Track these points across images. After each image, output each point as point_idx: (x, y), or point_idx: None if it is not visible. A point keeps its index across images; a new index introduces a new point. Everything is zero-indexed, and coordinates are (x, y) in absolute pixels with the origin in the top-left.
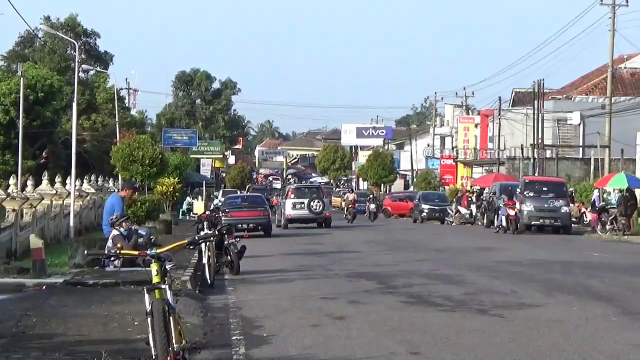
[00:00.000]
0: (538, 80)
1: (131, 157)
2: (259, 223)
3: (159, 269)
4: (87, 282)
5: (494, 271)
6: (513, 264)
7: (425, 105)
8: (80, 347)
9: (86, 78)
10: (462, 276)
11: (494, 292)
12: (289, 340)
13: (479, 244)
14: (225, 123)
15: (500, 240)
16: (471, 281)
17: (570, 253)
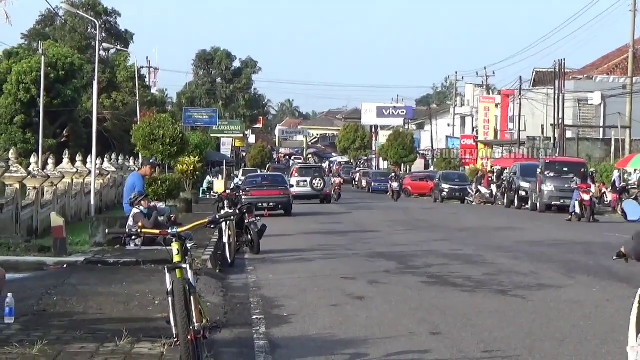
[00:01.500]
0: (559, 60)
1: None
2: (280, 202)
3: (180, 248)
4: (108, 260)
5: (514, 251)
6: (533, 244)
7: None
8: (101, 325)
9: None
10: (482, 256)
11: (514, 273)
12: (308, 319)
13: (499, 224)
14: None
15: (520, 220)
16: (491, 261)
17: (591, 234)
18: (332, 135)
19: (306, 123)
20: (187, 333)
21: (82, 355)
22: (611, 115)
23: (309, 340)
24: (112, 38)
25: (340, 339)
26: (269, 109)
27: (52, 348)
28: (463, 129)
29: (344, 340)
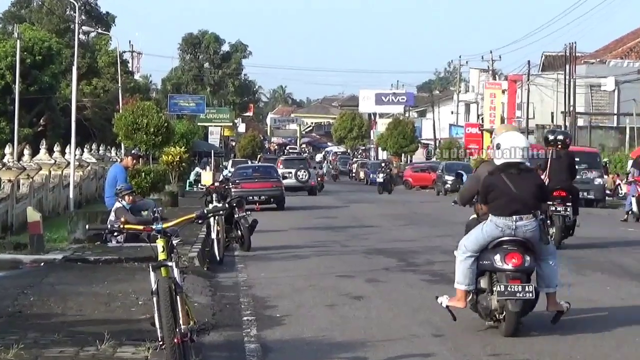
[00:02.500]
0: (570, 44)
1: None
2: (272, 195)
3: (165, 245)
4: (88, 258)
5: None
6: None
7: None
8: (81, 327)
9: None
10: None
11: None
12: (303, 321)
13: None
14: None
15: None
16: None
17: (604, 228)
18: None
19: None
20: (173, 336)
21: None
22: (625, 102)
23: (303, 343)
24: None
25: (337, 342)
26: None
27: (29, 352)
28: (467, 116)
29: (341, 343)
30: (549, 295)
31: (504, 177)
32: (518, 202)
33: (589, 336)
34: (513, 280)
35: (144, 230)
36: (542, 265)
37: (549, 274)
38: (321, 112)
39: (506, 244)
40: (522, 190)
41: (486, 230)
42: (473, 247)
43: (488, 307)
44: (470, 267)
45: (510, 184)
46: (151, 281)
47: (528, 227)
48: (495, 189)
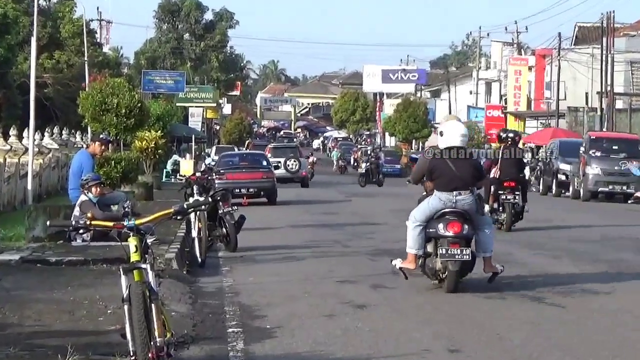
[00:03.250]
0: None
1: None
2: (262, 187)
3: (138, 245)
4: (49, 259)
5: (552, 249)
6: (575, 239)
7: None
8: (40, 340)
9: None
10: (511, 255)
11: (551, 276)
12: (298, 333)
13: (532, 215)
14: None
15: (559, 210)
16: (523, 261)
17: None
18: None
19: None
20: (147, 350)
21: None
22: None
23: (297, 358)
24: None
25: (337, 358)
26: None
27: None
28: (488, 97)
29: (341, 359)
30: (485, 259)
31: (446, 159)
32: (457, 180)
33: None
34: (453, 244)
35: (114, 227)
36: (480, 233)
37: (485, 241)
38: (319, 91)
39: (448, 215)
40: (460, 170)
41: (432, 204)
42: (421, 217)
43: (433, 268)
44: (419, 234)
45: (451, 165)
46: (122, 286)
47: (466, 200)
48: (439, 169)
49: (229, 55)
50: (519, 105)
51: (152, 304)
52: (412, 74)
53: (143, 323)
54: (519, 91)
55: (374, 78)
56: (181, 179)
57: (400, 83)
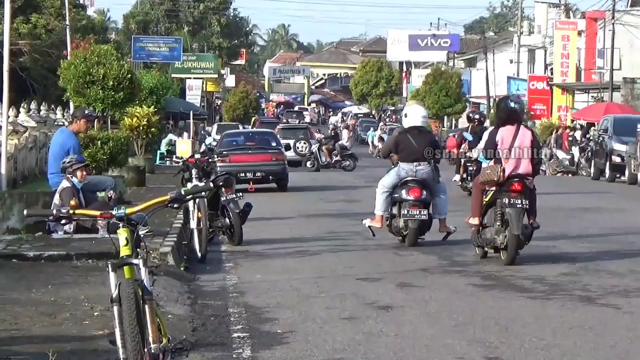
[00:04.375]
0: None
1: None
2: (271, 171)
3: (129, 237)
4: (26, 254)
5: (605, 242)
6: (632, 231)
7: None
8: (17, 346)
9: None
10: (558, 248)
11: (605, 273)
12: (312, 339)
13: (583, 203)
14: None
15: (614, 197)
16: (572, 256)
17: None
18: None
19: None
20: (139, 357)
21: None
22: None
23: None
24: None
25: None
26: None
27: None
28: (531, 67)
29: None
30: (440, 220)
31: (409, 135)
32: (417, 153)
33: None
34: (413, 207)
35: (101, 217)
36: (436, 199)
37: (441, 205)
38: (336, 60)
39: (410, 183)
40: (420, 145)
41: (397, 173)
42: (388, 185)
43: (397, 226)
44: (386, 199)
45: (412, 141)
46: (110, 285)
47: (425, 170)
48: (403, 144)
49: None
50: (567, 76)
51: (146, 305)
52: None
53: (135, 327)
54: (567, 60)
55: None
56: (178, 162)
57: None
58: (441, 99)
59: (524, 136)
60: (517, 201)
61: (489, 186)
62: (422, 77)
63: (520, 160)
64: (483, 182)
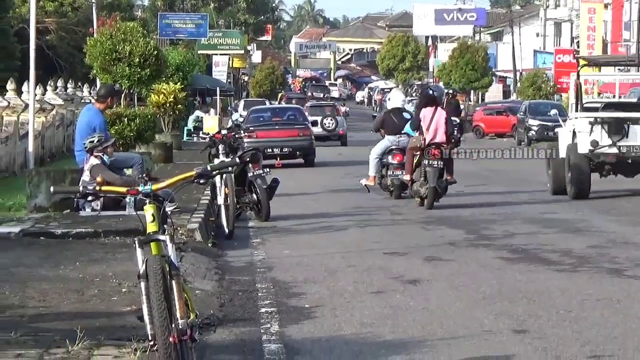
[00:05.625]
0: None
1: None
2: (298, 147)
3: (155, 213)
4: (54, 231)
5: (633, 214)
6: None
7: None
8: (45, 323)
9: None
10: (586, 222)
11: (633, 245)
12: (340, 313)
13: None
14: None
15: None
16: (600, 229)
17: None
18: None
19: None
20: (167, 333)
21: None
22: None
23: (340, 342)
24: None
25: (386, 340)
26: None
27: None
28: (558, 40)
29: (391, 342)
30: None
31: (392, 115)
32: (399, 128)
33: None
34: (397, 169)
35: (128, 193)
36: None
37: None
38: (363, 35)
39: (394, 150)
40: (400, 122)
41: (384, 144)
42: (378, 152)
43: (385, 184)
44: (377, 163)
45: (395, 119)
46: (137, 261)
47: (404, 141)
48: (387, 121)
49: None
50: (593, 49)
51: (173, 281)
52: (469, 14)
53: (163, 303)
54: (593, 32)
55: (426, 19)
56: (204, 138)
57: (456, 25)
58: (467, 73)
59: (440, 115)
60: (434, 162)
61: (415, 151)
62: (448, 52)
63: (437, 132)
64: (411, 148)
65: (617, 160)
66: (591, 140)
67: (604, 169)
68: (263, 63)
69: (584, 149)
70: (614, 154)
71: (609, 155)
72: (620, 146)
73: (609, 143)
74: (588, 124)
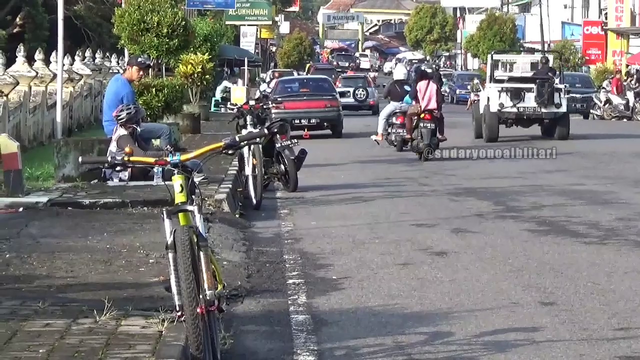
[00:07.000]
0: None
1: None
2: (325, 118)
3: (184, 184)
4: (82, 202)
5: None
6: None
7: None
8: (73, 293)
9: None
10: (614, 194)
11: None
12: (367, 285)
13: (638, 148)
14: None
15: None
16: (627, 201)
17: None
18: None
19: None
20: (195, 304)
21: (47, 336)
22: None
23: (368, 314)
24: None
25: (414, 312)
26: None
27: (5, 326)
28: (586, 11)
29: (418, 314)
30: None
31: (395, 85)
32: (400, 95)
33: None
34: (399, 128)
35: (156, 164)
36: None
37: None
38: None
39: (397, 113)
40: (402, 91)
41: (390, 108)
42: (385, 115)
43: (390, 139)
44: (384, 123)
45: (398, 88)
46: (165, 232)
47: (406, 106)
48: (392, 91)
49: None
50: (622, 20)
51: (201, 252)
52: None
53: (190, 274)
54: (621, 4)
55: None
56: (232, 109)
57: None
58: (495, 44)
59: (432, 87)
60: (427, 124)
61: (413, 116)
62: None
63: (430, 101)
64: (410, 114)
65: (516, 116)
66: (499, 102)
67: (508, 122)
68: (291, 34)
69: (494, 109)
70: (514, 112)
71: (511, 113)
72: (518, 107)
73: (510, 105)
74: (497, 91)
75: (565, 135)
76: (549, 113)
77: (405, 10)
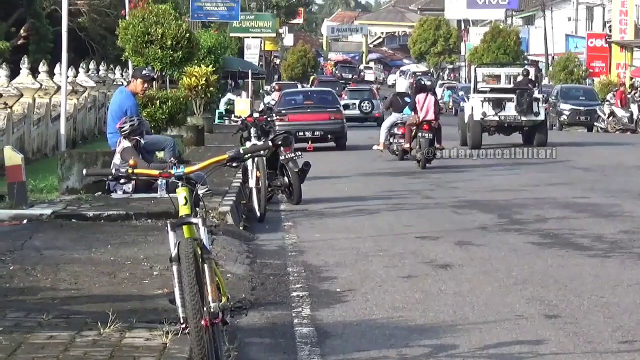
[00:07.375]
0: None
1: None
2: (329, 130)
3: (188, 196)
4: (86, 214)
5: None
6: None
7: None
8: (77, 305)
9: None
10: (618, 206)
11: None
12: (372, 297)
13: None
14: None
15: None
16: (632, 214)
17: None
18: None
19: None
20: (199, 316)
21: (51, 348)
22: None
23: (372, 326)
24: None
25: (417, 324)
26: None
27: (9, 338)
28: (590, 24)
29: (422, 326)
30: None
31: (397, 97)
32: (402, 107)
33: None
34: (400, 138)
35: (160, 176)
36: None
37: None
38: (394, 18)
39: (399, 124)
40: (404, 103)
41: (392, 119)
42: (388, 125)
43: (392, 149)
44: (386, 133)
45: (400, 100)
46: (169, 244)
47: (406, 117)
48: (395, 102)
49: None
50: (626, 33)
51: (205, 264)
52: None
53: (194, 286)
54: (625, 17)
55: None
56: (236, 121)
57: (488, 8)
58: (499, 56)
59: (430, 99)
60: (425, 134)
61: (412, 126)
62: (480, 35)
63: (428, 112)
64: (409, 124)
65: (498, 124)
66: (482, 111)
67: (490, 130)
68: (295, 46)
69: (477, 117)
70: (496, 120)
71: (493, 121)
72: (500, 115)
73: (492, 114)
74: (480, 101)
75: (544, 142)
76: (528, 121)
77: (409, 22)
